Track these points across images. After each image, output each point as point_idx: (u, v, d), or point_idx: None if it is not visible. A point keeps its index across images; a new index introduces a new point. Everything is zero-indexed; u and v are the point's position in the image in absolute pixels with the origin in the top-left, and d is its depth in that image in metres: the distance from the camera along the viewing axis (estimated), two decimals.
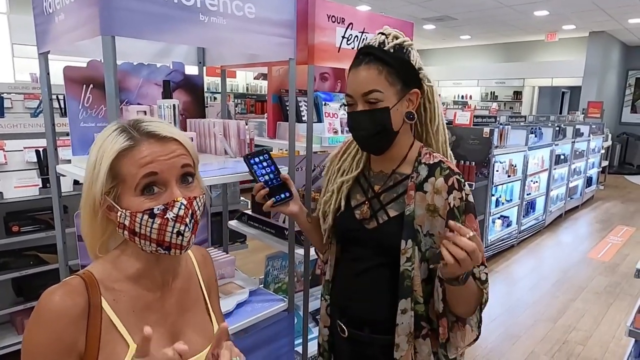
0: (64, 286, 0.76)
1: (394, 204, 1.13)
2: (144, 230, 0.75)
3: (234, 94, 9.34)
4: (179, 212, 0.76)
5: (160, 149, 0.77)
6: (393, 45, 1.07)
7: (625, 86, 12.32)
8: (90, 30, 1.16)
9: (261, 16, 1.48)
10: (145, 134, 0.77)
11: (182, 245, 0.79)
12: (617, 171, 11.04)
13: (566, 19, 9.47)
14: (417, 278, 1.10)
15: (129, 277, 0.81)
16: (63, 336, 0.72)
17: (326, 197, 1.26)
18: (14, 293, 2.68)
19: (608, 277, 4.40)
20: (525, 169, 5.16)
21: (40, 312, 0.73)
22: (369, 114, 1.08)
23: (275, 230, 2.00)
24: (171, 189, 0.77)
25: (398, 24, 2.10)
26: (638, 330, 2.08)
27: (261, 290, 1.84)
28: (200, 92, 1.96)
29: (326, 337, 1.30)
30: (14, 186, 2.56)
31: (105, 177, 0.75)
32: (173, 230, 0.77)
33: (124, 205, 0.76)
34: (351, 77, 1.10)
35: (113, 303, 0.77)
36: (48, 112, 1.63)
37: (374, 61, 1.06)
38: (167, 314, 0.85)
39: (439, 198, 1.08)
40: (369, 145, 1.15)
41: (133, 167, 0.75)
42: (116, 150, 0.75)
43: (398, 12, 8.85)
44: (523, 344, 3.12)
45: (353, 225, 1.18)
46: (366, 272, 1.16)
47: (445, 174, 1.09)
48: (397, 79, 1.07)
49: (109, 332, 0.75)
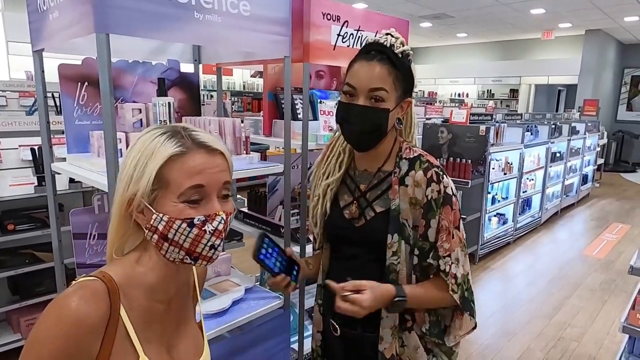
0: (83, 289, 0.72)
1: (380, 200, 1.15)
2: (178, 237, 0.74)
3: (230, 92, 9.31)
4: (218, 227, 0.76)
5: (209, 161, 0.76)
6: (402, 50, 1.09)
7: (621, 84, 12.37)
8: (85, 27, 1.16)
9: (256, 14, 1.48)
10: (197, 144, 0.76)
11: (212, 258, 0.79)
12: (613, 169, 11.09)
13: (562, 17, 9.49)
14: (403, 271, 1.12)
15: (144, 286, 0.79)
16: (80, 344, 0.68)
17: (314, 202, 1.26)
18: (10, 292, 2.68)
19: (603, 274, 4.42)
20: (521, 167, 5.17)
21: (58, 315, 0.68)
22: (371, 110, 1.07)
23: (271, 228, 2.00)
24: (212, 202, 0.76)
25: (393, 22, 2.10)
26: (632, 327, 2.09)
27: (257, 287, 1.84)
28: (195, 89, 1.96)
29: (319, 342, 1.30)
30: (9, 184, 2.55)
31: (151, 181, 0.73)
32: (208, 243, 0.76)
33: (161, 210, 0.74)
34: (359, 68, 1.08)
35: (129, 311, 0.75)
36: (43, 110, 1.63)
37: (386, 60, 1.06)
38: (167, 325, 0.84)
39: (419, 191, 1.10)
40: (359, 141, 1.14)
41: (181, 175, 0.74)
42: (168, 154, 0.73)
43: (395, 9, 8.85)
44: (519, 341, 3.13)
45: (343, 224, 1.19)
46: (358, 270, 1.17)
47: (425, 167, 1.11)
48: (400, 85, 1.09)
49: (121, 341, 0.74)
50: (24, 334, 2.64)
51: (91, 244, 1.54)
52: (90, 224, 1.53)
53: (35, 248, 2.64)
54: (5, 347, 2.58)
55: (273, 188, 2.11)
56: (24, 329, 2.64)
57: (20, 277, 2.60)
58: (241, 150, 1.73)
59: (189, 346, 0.87)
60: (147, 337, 0.78)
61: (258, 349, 1.70)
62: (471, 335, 1.18)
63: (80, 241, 1.53)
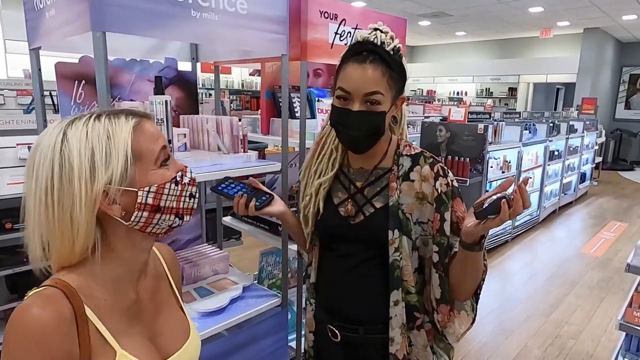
0: (38, 298, 0.68)
1: (379, 196, 1.13)
2: (170, 201, 0.77)
3: (229, 90, 9.31)
4: (192, 175, 0.82)
5: (153, 126, 0.79)
6: (393, 47, 1.04)
7: (619, 82, 12.38)
8: (81, 25, 1.16)
9: (253, 12, 1.48)
10: (134, 113, 0.78)
11: (194, 208, 0.83)
12: (611, 167, 11.11)
13: (560, 16, 9.49)
14: (408, 268, 1.10)
15: (106, 281, 0.76)
16: (60, 352, 0.66)
17: (305, 202, 1.23)
18: (8, 290, 2.67)
19: (601, 272, 4.44)
20: (519, 165, 5.18)
21: (23, 332, 0.64)
22: (367, 115, 1.04)
23: (269, 227, 2.00)
24: (172, 158, 0.81)
25: (391, 20, 2.10)
26: (628, 324, 2.10)
27: (255, 286, 1.84)
28: (193, 88, 1.96)
29: (311, 343, 1.27)
30: (6, 183, 2.55)
31: (129, 160, 0.71)
32: (187, 194, 0.81)
33: (144, 184, 0.74)
34: (352, 72, 1.03)
35: (96, 310, 0.73)
36: (40, 108, 1.63)
37: (379, 61, 1.02)
38: (145, 313, 0.84)
39: (426, 185, 1.10)
40: (357, 145, 1.12)
41: (149, 142, 0.76)
42: (130, 127, 0.73)
43: (393, 8, 8.85)
44: (516, 339, 3.15)
45: (338, 222, 1.16)
46: (356, 268, 1.15)
47: (430, 162, 1.12)
48: (394, 84, 1.06)
49: (95, 340, 0.71)
50: None
51: None
52: None
53: None
54: None
55: (271, 186, 2.11)
56: None
57: (18, 276, 2.59)
58: (239, 149, 1.73)
59: (173, 331, 0.87)
60: (123, 330, 0.76)
61: (256, 347, 1.70)
62: (469, 333, 1.17)
63: None
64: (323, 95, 2.07)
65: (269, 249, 2.19)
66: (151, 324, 0.84)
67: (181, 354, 0.85)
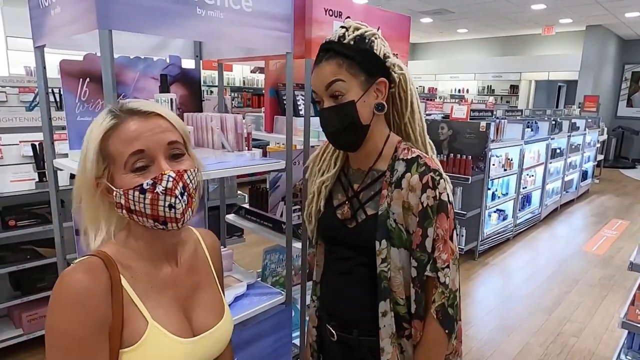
0: (82, 265, 0.75)
1: (372, 202, 1.11)
2: (138, 206, 0.76)
3: (230, 88, 9.29)
4: (168, 185, 0.76)
5: (144, 125, 0.77)
6: (353, 37, 1.03)
7: (621, 80, 12.34)
8: (87, 23, 1.16)
9: (258, 10, 1.48)
10: (127, 112, 0.78)
11: (176, 218, 0.78)
12: (613, 165, 11.09)
13: (563, 13, 9.46)
14: (397, 279, 1.07)
15: (141, 256, 0.82)
16: (97, 313, 0.72)
17: (309, 200, 1.23)
18: (12, 287, 2.68)
19: (602, 269, 4.44)
20: (521, 163, 5.18)
21: (66, 294, 0.72)
22: (335, 109, 1.05)
23: (272, 224, 2.01)
24: (159, 163, 0.77)
25: (395, 18, 2.10)
26: (631, 322, 2.10)
27: (259, 283, 1.85)
28: (197, 85, 1.96)
29: (314, 337, 1.28)
30: (10, 180, 2.56)
31: (95, 159, 0.76)
32: (165, 204, 0.77)
33: (118, 185, 0.77)
34: (313, 74, 1.07)
35: (131, 281, 0.79)
36: (44, 106, 1.63)
37: (334, 56, 1.03)
38: (180, 288, 0.87)
39: (413, 196, 1.05)
40: (339, 141, 1.11)
41: (120, 145, 0.76)
42: (102, 130, 0.76)
43: (395, 5, 8.82)
44: (518, 336, 3.15)
45: (335, 224, 1.16)
46: (349, 273, 1.14)
47: (421, 170, 1.05)
48: (359, 71, 1.02)
49: (129, 308, 0.77)
50: (26, 329, 2.65)
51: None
52: None
53: (36, 244, 2.64)
54: (7, 342, 2.59)
55: (274, 184, 2.11)
56: (26, 325, 2.65)
57: (22, 273, 2.60)
58: (243, 147, 1.73)
59: (207, 310, 0.90)
60: (156, 302, 0.81)
61: (260, 344, 1.71)
62: (471, 331, 1.16)
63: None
64: None
65: (272, 247, 2.19)
66: (186, 300, 0.88)
67: (213, 332, 0.89)
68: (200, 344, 0.86)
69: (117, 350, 0.75)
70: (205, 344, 0.87)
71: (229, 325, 0.95)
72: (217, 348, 0.91)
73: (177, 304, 0.85)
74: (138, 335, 0.77)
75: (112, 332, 0.74)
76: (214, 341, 0.90)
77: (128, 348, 0.76)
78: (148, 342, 0.77)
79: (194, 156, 0.86)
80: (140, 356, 0.77)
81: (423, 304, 1.07)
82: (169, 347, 0.79)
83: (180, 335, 0.82)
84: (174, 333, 0.81)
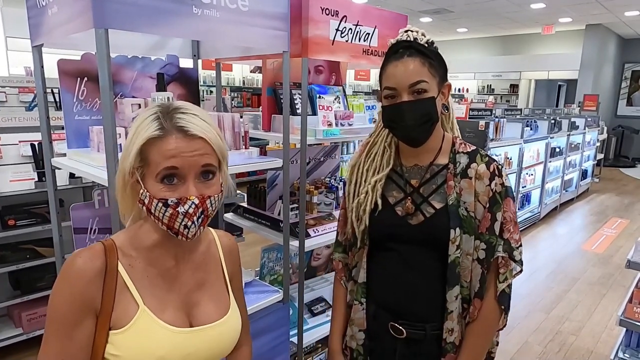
0: (87, 250, 0.84)
1: (436, 195, 1.14)
2: (158, 213, 0.82)
3: (230, 88, 9.30)
4: (189, 210, 0.81)
5: (185, 145, 0.80)
6: (427, 40, 1.11)
7: (621, 79, 12.34)
8: (83, 23, 1.17)
9: (255, 9, 1.48)
10: (175, 127, 0.80)
11: (187, 236, 0.84)
12: (612, 164, 11.09)
13: (562, 12, 9.46)
14: (466, 264, 1.13)
15: (146, 247, 0.88)
16: (83, 293, 0.80)
17: (360, 199, 1.21)
18: (11, 287, 2.69)
19: (602, 268, 4.44)
20: (520, 162, 5.18)
21: (64, 272, 0.81)
22: (417, 103, 1.08)
23: (270, 223, 2.01)
24: (187, 184, 0.81)
25: (392, 17, 2.10)
26: (629, 320, 2.11)
27: (257, 281, 1.85)
28: (194, 85, 1.96)
29: (361, 341, 1.24)
30: (9, 180, 2.56)
31: (135, 157, 0.81)
32: (182, 223, 0.82)
33: (146, 186, 0.82)
34: (393, 70, 1.09)
35: (128, 267, 0.85)
36: (43, 105, 1.64)
37: (416, 54, 1.08)
38: (183, 284, 0.91)
39: (480, 184, 1.12)
40: (413, 134, 1.13)
41: (158, 157, 0.80)
42: (146, 137, 0.80)
43: (395, 4, 8.82)
44: (517, 334, 3.16)
45: (395, 221, 1.16)
46: (414, 268, 1.16)
47: (486, 160, 1.15)
48: (436, 72, 1.10)
49: (122, 293, 0.83)
50: (25, 328, 2.66)
51: (92, 238, 1.55)
52: (91, 218, 1.55)
53: (36, 243, 2.65)
54: (7, 341, 2.60)
55: (272, 183, 2.12)
56: (26, 324, 2.66)
57: (22, 272, 2.61)
58: (240, 145, 1.73)
59: (209, 306, 0.93)
60: (152, 291, 0.86)
61: (258, 342, 1.71)
62: None
63: (80, 236, 1.54)
64: (324, 92, 2.07)
65: (270, 245, 2.20)
66: (189, 295, 0.91)
67: (214, 326, 0.91)
68: (197, 336, 0.87)
69: (106, 332, 0.81)
70: (203, 337, 0.88)
71: (234, 323, 0.96)
72: (221, 345, 0.93)
73: (176, 297, 0.89)
74: (128, 318, 0.82)
75: (101, 314, 0.81)
76: (215, 336, 0.91)
77: (117, 330, 0.81)
78: (137, 326, 0.82)
79: (225, 175, 0.90)
80: (129, 339, 0.82)
81: (485, 286, 1.13)
82: (159, 333, 0.83)
83: (172, 324, 0.85)
84: (166, 321, 0.84)
